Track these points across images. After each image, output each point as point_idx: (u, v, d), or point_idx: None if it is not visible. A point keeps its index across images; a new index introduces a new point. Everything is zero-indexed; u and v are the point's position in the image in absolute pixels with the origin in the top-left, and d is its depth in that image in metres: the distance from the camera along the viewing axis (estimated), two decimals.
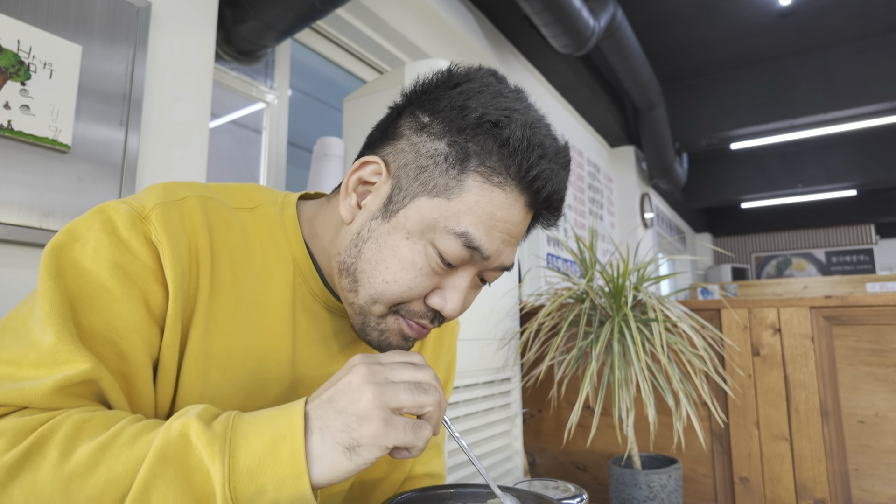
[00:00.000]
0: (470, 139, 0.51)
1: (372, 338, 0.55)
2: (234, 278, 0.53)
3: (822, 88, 4.06)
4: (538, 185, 0.51)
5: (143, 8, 1.20)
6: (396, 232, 0.52)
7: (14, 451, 0.38)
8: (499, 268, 0.54)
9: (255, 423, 0.41)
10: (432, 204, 0.51)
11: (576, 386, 2.04)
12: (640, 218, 4.58)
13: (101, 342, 0.45)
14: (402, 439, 0.41)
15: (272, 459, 0.39)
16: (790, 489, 1.70)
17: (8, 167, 0.98)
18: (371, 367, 0.43)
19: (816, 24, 3.74)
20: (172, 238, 0.48)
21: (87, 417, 0.41)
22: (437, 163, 0.51)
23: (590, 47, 2.61)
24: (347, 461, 0.40)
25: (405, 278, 0.51)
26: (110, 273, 0.45)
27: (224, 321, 0.51)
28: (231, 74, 1.66)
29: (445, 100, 0.53)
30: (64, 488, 0.37)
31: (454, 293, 0.53)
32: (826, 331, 1.71)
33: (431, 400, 0.44)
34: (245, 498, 0.38)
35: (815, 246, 8.01)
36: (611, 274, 1.72)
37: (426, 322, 0.54)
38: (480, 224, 0.50)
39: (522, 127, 0.50)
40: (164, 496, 0.37)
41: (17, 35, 0.99)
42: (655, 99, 3.80)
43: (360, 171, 0.55)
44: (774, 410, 1.75)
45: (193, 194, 0.52)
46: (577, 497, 0.83)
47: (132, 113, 1.17)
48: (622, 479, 1.62)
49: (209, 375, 0.50)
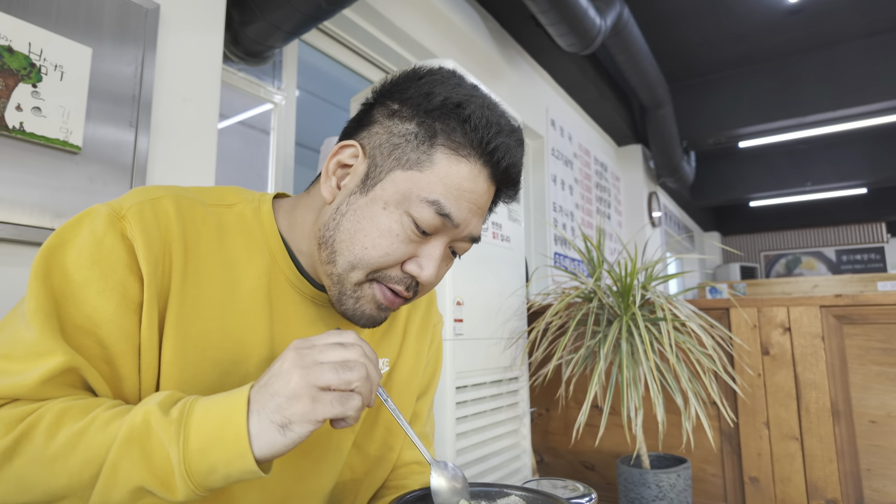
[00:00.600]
0: (436, 119, 0.57)
1: (347, 306, 0.59)
2: (209, 267, 0.57)
3: (831, 86, 4.03)
4: (497, 156, 0.58)
5: (151, 10, 1.21)
6: (374, 203, 0.57)
7: (7, 438, 0.44)
8: (467, 237, 0.60)
9: (207, 409, 0.46)
10: (406, 176, 0.57)
11: (584, 385, 2.03)
12: (648, 217, 4.56)
13: (82, 334, 0.50)
14: (331, 412, 0.46)
15: (220, 441, 0.44)
16: (801, 489, 1.68)
17: (20, 168, 0.99)
18: (300, 350, 0.48)
19: (824, 21, 3.71)
20: (145, 232, 0.53)
21: (68, 406, 0.47)
22: (408, 140, 0.58)
23: (596, 46, 2.61)
24: (282, 437, 0.45)
25: (383, 244, 0.56)
26: (89, 270, 0.50)
27: (201, 305, 0.56)
28: (239, 75, 1.67)
29: (413, 89, 0.59)
30: (49, 467, 0.44)
31: (429, 260, 0.58)
32: (837, 330, 1.70)
33: (357, 375, 0.47)
34: (199, 473, 0.44)
35: (824, 244, 7.94)
36: (619, 273, 1.72)
37: (402, 289, 0.59)
38: (450, 193, 0.56)
39: (481, 107, 0.57)
40: (129, 473, 0.44)
41: (29, 38, 1.00)
42: (662, 97, 3.78)
43: (339, 155, 0.61)
44: (784, 410, 1.74)
45: (168, 194, 0.57)
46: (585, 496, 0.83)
47: (142, 114, 1.18)
48: (631, 479, 1.62)
49: (187, 355, 0.54)
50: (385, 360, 0.71)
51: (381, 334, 0.72)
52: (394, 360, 0.72)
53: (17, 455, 0.44)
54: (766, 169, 6.06)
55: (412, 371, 0.74)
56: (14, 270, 0.99)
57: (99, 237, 0.51)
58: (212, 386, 0.56)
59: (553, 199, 3.29)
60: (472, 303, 1.58)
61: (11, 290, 0.98)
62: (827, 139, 5.56)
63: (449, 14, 2.32)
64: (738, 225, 8.40)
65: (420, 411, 0.78)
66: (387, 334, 0.72)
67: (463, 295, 1.54)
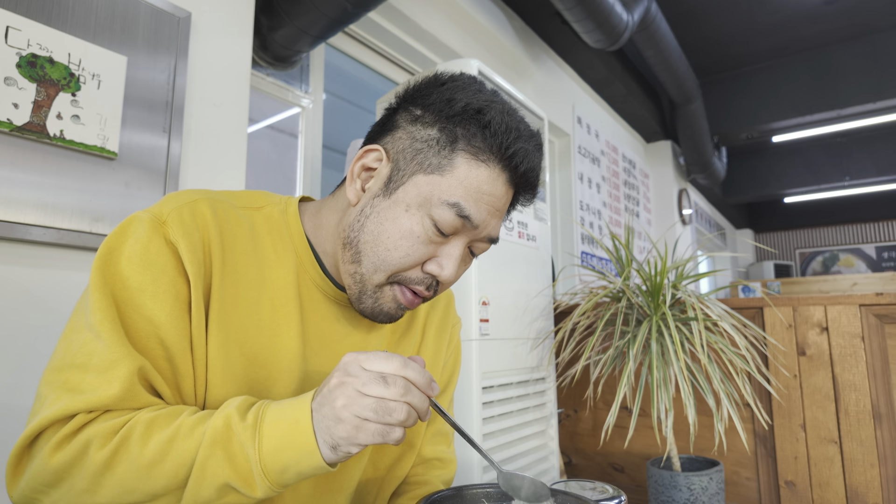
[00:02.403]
0: (457, 125, 0.59)
1: (366, 305, 0.62)
2: (244, 266, 0.60)
3: (872, 76, 3.88)
4: (516, 161, 0.59)
5: (183, 18, 1.24)
6: (396, 206, 0.59)
7: (105, 450, 0.48)
8: (486, 238, 0.62)
9: (277, 414, 0.50)
10: (428, 180, 0.59)
11: (612, 386, 2.01)
12: (678, 214, 4.48)
13: (146, 336, 0.53)
14: (373, 440, 0.49)
15: (290, 443, 0.48)
16: (840, 494, 1.63)
17: (61, 174, 1.02)
18: (346, 374, 0.49)
19: (863, 8, 3.58)
20: (187, 235, 0.56)
21: (154, 416, 0.51)
22: (430, 146, 0.60)
23: (623, 41, 2.57)
24: (334, 454, 0.49)
25: (404, 245, 0.58)
26: (142, 276, 0.53)
27: (238, 302, 0.59)
28: (268, 80, 1.70)
29: (435, 95, 0.61)
30: (147, 472, 0.48)
31: (449, 260, 0.60)
32: (878, 329, 1.64)
33: (396, 419, 0.49)
34: (273, 472, 0.48)
35: (864, 241, 7.66)
36: (648, 272, 1.69)
37: (422, 289, 0.61)
38: (469, 196, 0.58)
39: (501, 113, 0.59)
40: (215, 472, 0.48)
41: (68, 48, 1.04)
42: (692, 92, 3.70)
43: (364, 159, 0.63)
44: (822, 412, 1.68)
45: (203, 197, 0.60)
46: (615, 498, 0.82)
47: (174, 120, 1.21)
48: (661, 481, 1.59)
49: (229, 349, 0.57)
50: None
51: (401, 335, 0.74)
52: None
53: (118, 464, 0.48)
54: (802, 163, 5.88)
55: (430, 370, 0.76)
56: (56, 273, 1.03)
57: (144, 243, 0.54)
58: (247, 378, 0.59)
59: (580, 198, 3.26)
60: (498, 303, 1.58)
61: (55, 290, 1.02)
62: (867, 132, 5.36)
63: (474, 14, 2.32)
64: (771, 222, 8.17)
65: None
66: (406, 334, 0.75)
67: (489, 295, 1.54)
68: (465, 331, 1.46)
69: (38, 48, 1.00)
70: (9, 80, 0.96)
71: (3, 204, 0.96)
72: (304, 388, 0.63)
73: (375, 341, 0.70)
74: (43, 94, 1.00)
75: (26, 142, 0.99)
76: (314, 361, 0.64)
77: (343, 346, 0.67)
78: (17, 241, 0.99)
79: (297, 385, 0.62)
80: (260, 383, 0.59)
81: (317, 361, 0.64)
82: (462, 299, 1.47)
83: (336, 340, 0.66)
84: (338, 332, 0.67)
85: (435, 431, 0.79)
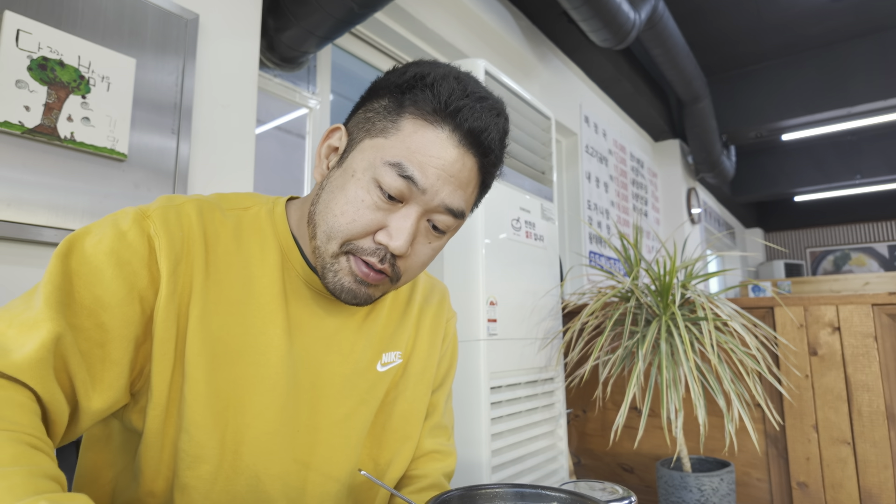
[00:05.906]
0: (406, 91, 0.59)
1: (328, 280, 0.61)
2: (227, 265, 0.61)
3: (882, 74, 3.84)
4: (461, 117, 0.57)
5: (191, 20, 1.25)
6: (345, 174, 0.60)
7: None
8: (441, 206, 0.59)
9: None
10: (372, 143, 0.59)
11: (621, 386, 2.00)
12: (687, 213, 4.45)
13: (85, 313, 0.52)
14: None
15: None
16: (854, 496, 1.61)
17: (71, 176, 1.03)
18: None
19: (872, 6, 3.54)
20: (168, 232, 0.56)
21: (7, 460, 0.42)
22: (378, 112, 0.60)
23: (630, 40, 2.56)
24: None
25: (350, 210, 0.58)
26: (106, 257, 0.54)
27: (221, 301, 0.60)
28: (275, 81, 1.71)
29: (393, 75, 0.62)
30: None
31: (399, 231, 0.58)
32: (890, 329, 1.62)
33: None
34: None
35: (876, 240, 7.58)
36: (657, 271, 1.68)
37: (375, 261, 0.59)
38: (413, 157, 0.57)
39: (448, 76, 0.59)
40: None
41: (78, 51, 1.05)
42: (700, 91, 3.68)
43: (329, 140, 0.65)
44: (834, 413, 1.67)
45: (191, 200, 0.62)
46: (624, 499, 0.81)
47: (183, 121, 1.21)
48: (671, 482, 1.58)
49: (214, 348, 0.58)
50: (397, 352, 0.73)
51: (394, 328, 0.74)
52: (407, 355, 0.75)
53: None
54: (812, 162, 5.83)
55: (425, 365, 0.76)
56: None
57: (124, 231, 0.55)
58: (235, 376, 0.59)
59: (587, 197, 3.24)
60: (506, 303, 1.57)
61: None
62: (878, 129, 5.30)
63: (480, 14, 2.32)
64: (781, 221, 8.10)
65: (437, 403, 0.80)
66: (399, 328, 0.74)
67: (496, 295, 1.53)
68: (473, 331, 1.46)
69: (49, 51, 1.01)
70: (20, 82, 0.97)
71: (15, 205, 0.96)
72: (291, 382, 0.62)
73: (366, 335, 0.70)
74: (53, 96, 1.01)
75: (37, 144, 0.99)
76: (303, 357, 0.64)
77: (333, 340, 0.67)
78: (29, 242, 1.00)
79: (285, 380, 0.62)
80: (247, 379, 0.60)
81: (305, 356, 0.64)
82: (470, 299, 1.47)
83: (326, 335, 0.66)
84: (328, 326, 0.67)
85: (434, 425, 0.79)
